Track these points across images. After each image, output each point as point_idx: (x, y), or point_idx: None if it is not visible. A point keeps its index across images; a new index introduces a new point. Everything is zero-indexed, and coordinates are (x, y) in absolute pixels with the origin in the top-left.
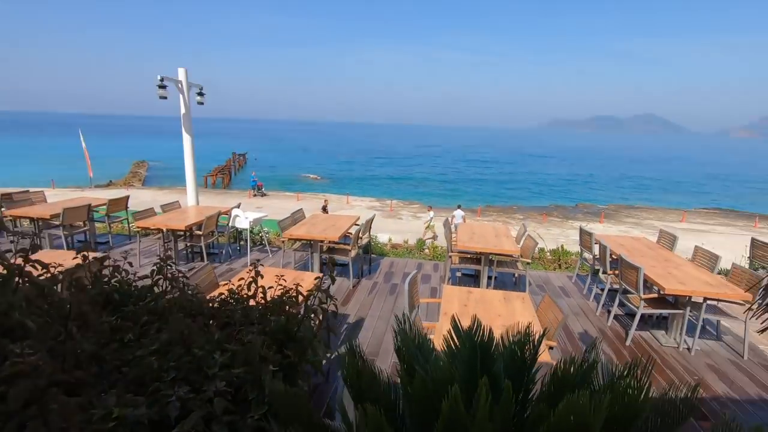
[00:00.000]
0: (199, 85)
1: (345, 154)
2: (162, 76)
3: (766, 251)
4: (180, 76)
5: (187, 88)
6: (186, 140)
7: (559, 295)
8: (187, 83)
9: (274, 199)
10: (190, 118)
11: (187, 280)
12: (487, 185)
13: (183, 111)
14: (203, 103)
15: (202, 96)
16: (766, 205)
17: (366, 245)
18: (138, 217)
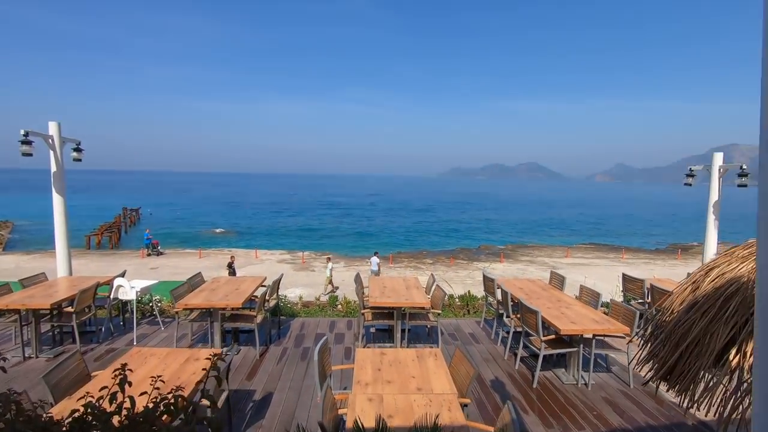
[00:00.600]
0: (75, 140)
1: (253, 206)
2: (26, 130)
3: (635, 284)
4: (51, 131)
5: (59, 143)
6: (57, 202)
7: (470, 342)
8: (59, 138)
9: (172, 257)
10: (63, 176)
11: (17, 395)
12: (396, 232)
13: (54, 169)
14: (80, 159)
15: (80, 152)
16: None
17: (274, 307)
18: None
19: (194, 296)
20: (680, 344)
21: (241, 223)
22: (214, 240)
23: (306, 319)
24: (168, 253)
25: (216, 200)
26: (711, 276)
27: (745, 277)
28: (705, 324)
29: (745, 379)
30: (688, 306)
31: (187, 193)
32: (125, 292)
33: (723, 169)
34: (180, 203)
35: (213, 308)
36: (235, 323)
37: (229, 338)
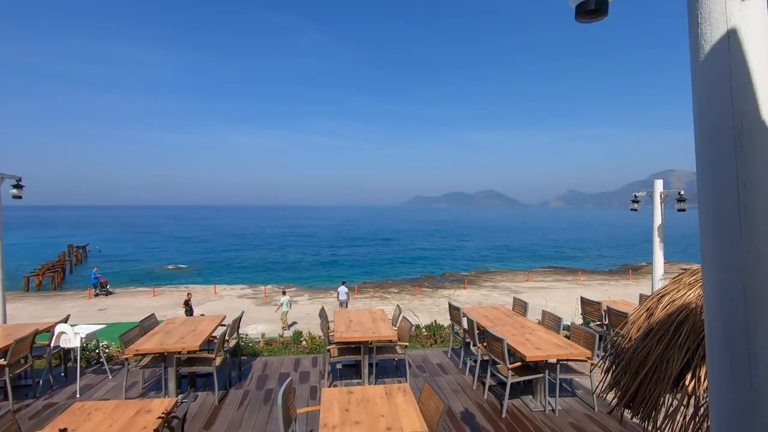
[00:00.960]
0: (15, 176)
1: (212, 239)
2: None
3: (593, 307)
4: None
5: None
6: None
7: (438, 373)
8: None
9: (122, 297)
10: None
11: None
12: (361, 262)
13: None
14: (20, 196)
15: (21, 188)
16: (582, 261)
17: (234, 347)
18: None
19: (146, 340)
20: (639, 371)
21: (200, 257)
22: (169, 276)
23: (269, 359)
24: (118, 293)
25: (173, 234)
26: (663, 303)
27: (693, 304)
28: (661, 350)
29: (702, 403)
30: (644, 333)
31: (140, 227)
32: (68, 339)
33: (663, 195)
34: (133, 239)
35: (167, 352)
36: (192, 367)
37: (185, 384)
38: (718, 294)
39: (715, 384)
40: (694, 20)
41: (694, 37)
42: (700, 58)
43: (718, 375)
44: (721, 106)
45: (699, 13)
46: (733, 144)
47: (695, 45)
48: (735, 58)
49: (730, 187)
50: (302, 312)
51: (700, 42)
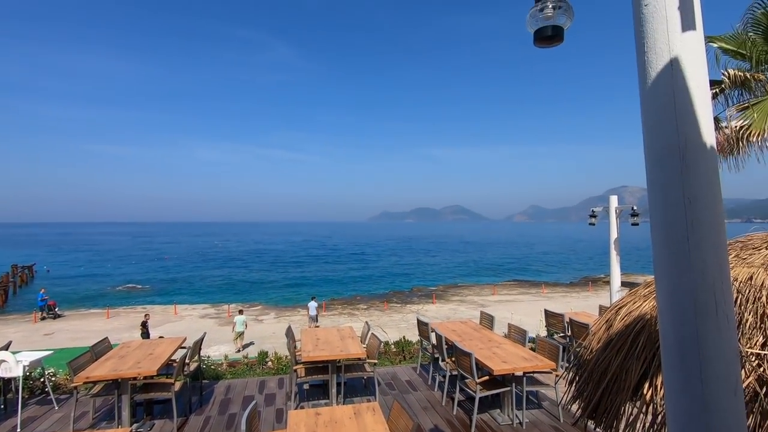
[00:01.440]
0: None
1: (173, 257)
2: None
3: (556, 319)
4: None
5: None
6: None
7: (407, 390)
8: None
9: (72, 320)
10: None
11: None
12: (328, 279)
13: None
14: None
15: None
16: (545, 274)
17: (195, 371)
18: None
19: (98, 366)
20: (601, 382)
21: (159, 276)
22: (125, 297)
23: (232, 381)
24: (68, 316)
25: (130, 253)
26: (621, 314)
27: (648, 315)
28: (620, 361)
29: (659, 411)
30: (604, 344)
31: (94, 245)
32: (9, 368)
33: (618, 210)
34: (86, 258)
35: (122, 379)
36: (149, 394)
37: (140, 412)
38: (669, 305)
39: (669, 391)
40: (641, 49)
41: (641, 64)
42: (647, 84)
43: (672, 382)
44: (667, 128)
45: (645, 42)
46: (679, 163)
47: (642, 72)
48: (678, 84)
49: (677, 204)
50: (268, 331)
51: (647, 69)
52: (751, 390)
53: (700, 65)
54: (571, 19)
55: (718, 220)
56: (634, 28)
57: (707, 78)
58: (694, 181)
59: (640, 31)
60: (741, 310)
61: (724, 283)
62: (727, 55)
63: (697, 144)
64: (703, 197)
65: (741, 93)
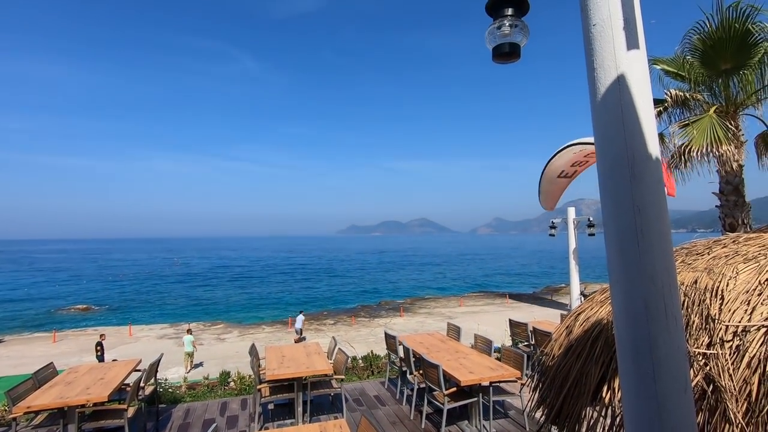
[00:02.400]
0: None
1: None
2: None
3: (520, 328)
4: None
5: None
6: None
7: (375, 405)
8: None
9: (13, 345)
10: None
11: None
12: (295, 294)
13: None
14: None
15: None
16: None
17: (151, 395)
18: None
19: (41, 394)
20: (563, 387)
21: (113, 296)
22: (74, 319)
23: (192, 404)
24: (9, 340)
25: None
26: (579, 320)
27: (605, 320)
28: (580, 365)
29: (618, 413)
30: (564, 350)
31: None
32: None
33: (576, 221)
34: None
35: (68, 407)
36: (99, 422)
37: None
38: (623, 310)
39: (626, 393)
40: (591, 66)
41: (591, 81)
42: (597, 99)
43: (628, 384)
44: (616, 141)
45: (594, 59)
46: (629, 174)
47: (593, 88)
48: (625, 99)
49: (628, 213)
50: (231, 350)
51: (597, 86)
52: (699, 388)
53: (645, 82)
54: (527, 37)
55: (664, 229)
56: (584, 46)
57: (651, 94)
58: (642, 190)
59: (590, 49)
60: (688, 313)
61: (671, 288)
62: (669, 76)
63: (644, 155)
64: (651, 206)
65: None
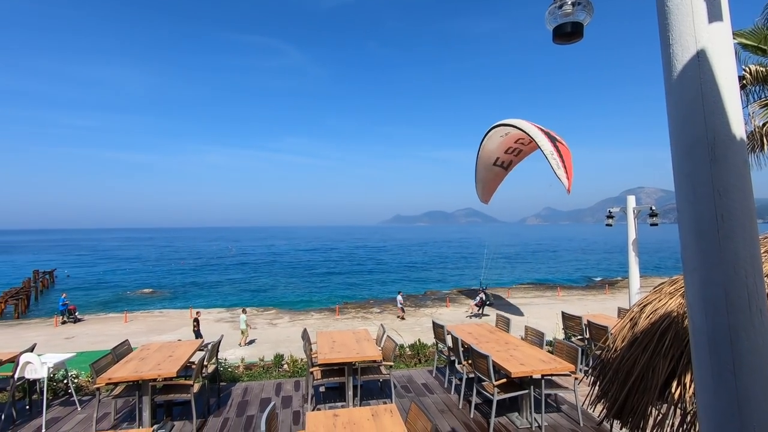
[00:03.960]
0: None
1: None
2: None
3: (574, 322)
4: None
5: None
6: None
7: (424, 393)
8: None
9: (92, 324)
10: None
11: None
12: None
13: None
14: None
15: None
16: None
17: (213, 373)
18: None
19: (120, 368)
20: (627, 381)
21: (174, 281)
22: (142, 301)
23: (249, 384)
24: (87, 320)
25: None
26: (646, 312)
27: (675, 312)
28: (646, 359)
29: (689, 410)
30: (629, 343)
31: (111, 251)
32: (34, 369)
33: (636, 210)
34: (103, 263)
35: (142, 380)
36: (168, 395)
37: (160, 413)
38: (700, 301)
39: (701, 389)
40: (666, 42)
41: (666, 57)
42: (673, 77)
43: (703, 380)
44: (694, 121)
45: (670, 35)
46: (708, 157)
47: (668, 65)
48: (705, 76)
49: (706, 198)
50: (282, 335)
51: (672, 62)
52: None
53: (728, 57)
54: (591, 15)
55: (749, 213)
56: (658, 21)
57: (735, 70)
58: (723, 173)
59: (665, 23)
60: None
61: (757, 277)
62: (747, 50)
63: (727, 136)
64: (734, 189)
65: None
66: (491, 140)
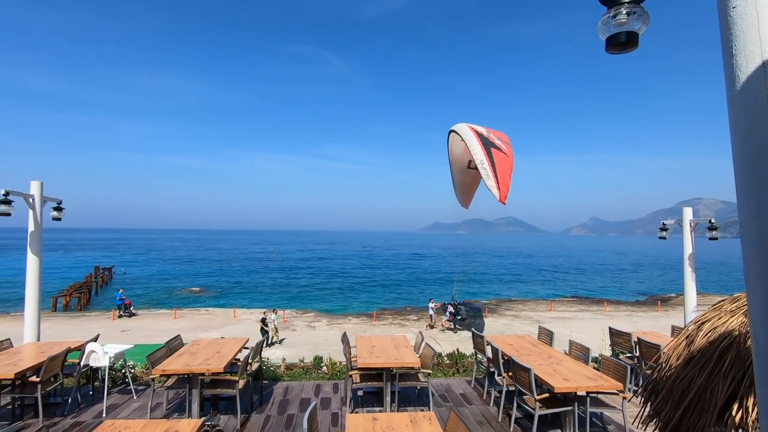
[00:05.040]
0: (56, 199)
1: (233, 263)
2: (7, 190)
3: (622, 338)
4: (32, 190)
5: (40, 202)
6: (31, 263)
7: (461, 403)
8: (41, 197)
9: (145, 319)
10: (40, 236)
11: None
12: (378, 288)
13: (32, 229)
14: (60, 218)
15: (60, 211)
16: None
17: (256, 371)
18: None
19: (173, 361)
20: (682, 401)
21: (221, 281)
22: (190, 299)
23: (290, 383)
24: (141, 314)
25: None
26: (704, 330)
27: (736, 331)
28: (704, 379)
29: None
30: (684, 361)
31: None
32: (97, 358)
33: (693, 223)
34: (155, 261)
35: (193, 374)
36: (215, 389)
37: (207, 406)
38: (765, 320)
39: (765, 413)
40: (729, 52)
41: (729, 67)
42: (737, 87)
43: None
44: (759, 133)
45: (733, 45)
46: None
47: (731, 75)
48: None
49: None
50: (321, 337)
51: (736, 72)
52: None
53: None
54: (647, 24)
55: None
56: (720, 30)
57: None
58: None
59: (728, 33)
60: None
61: None
62: None
63: None
64: None
65: None
66: (455, 145)
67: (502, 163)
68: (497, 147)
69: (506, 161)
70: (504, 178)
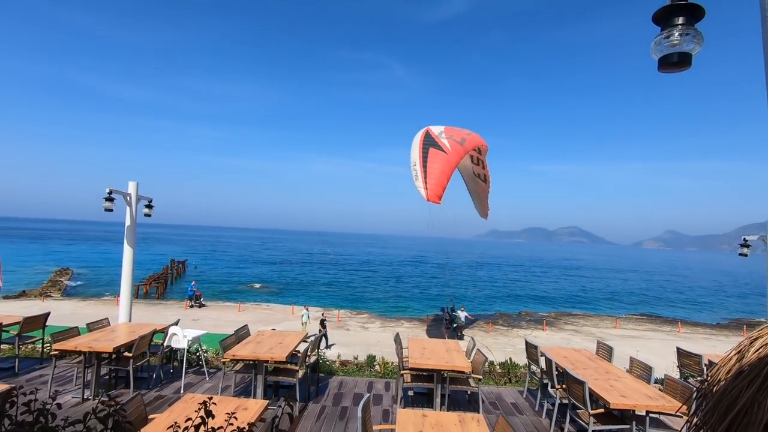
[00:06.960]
0: (148, 198)
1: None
2: (111, 189)
3: (692, 360)
4: (130, 190)
5: (135, 200)
6: (127, 253)
7: (512, 412)
8: (136, 196)
9: (213, 310)
10: (135, 230)
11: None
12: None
13: (128, 223)
14: (150, 215)
15: (150, 208)
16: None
17: (314, 364)
18: (58, 337)
19: (241, 347)
20: (728, 413)
21: (281, 278)
22: (253, 294)
23: (344, 378)
24: (209, 306)
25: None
26: (756, 346)
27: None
28: (752, 393)
29: None
30: (734, 374)
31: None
32: (178, 340)
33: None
34: (224, 257)
35: (258, 360)
36: (278, 377)
37: (269, 392)
38: None
39: None
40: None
41: None
42: None
43: None
44: None
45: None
46: None
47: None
48: None
49: None
50: (373, 338)
51: None
52: None
53: None
54: (701, 44)
55: None
56: (763, 42)
57: None
58: None
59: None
60: None
61: None
62: None
63: None
64: None
65: None
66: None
67: (435, 163)
68: (439, 146)
69: (443, 159)
70: (435, 178)
